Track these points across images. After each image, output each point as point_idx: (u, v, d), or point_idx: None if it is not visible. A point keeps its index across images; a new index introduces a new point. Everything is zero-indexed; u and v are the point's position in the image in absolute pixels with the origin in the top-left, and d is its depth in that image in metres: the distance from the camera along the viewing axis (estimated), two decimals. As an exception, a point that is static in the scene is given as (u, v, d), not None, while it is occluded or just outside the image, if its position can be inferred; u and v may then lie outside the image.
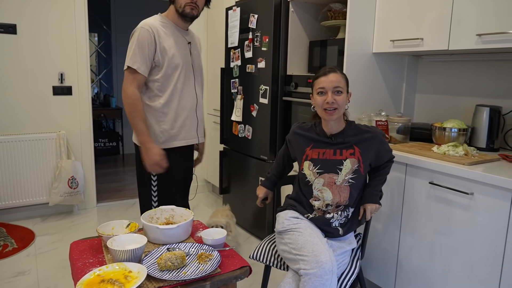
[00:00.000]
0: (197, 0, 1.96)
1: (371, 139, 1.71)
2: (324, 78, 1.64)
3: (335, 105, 1.62)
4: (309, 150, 1.74)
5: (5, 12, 3.13)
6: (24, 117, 3.31)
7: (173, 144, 2.07)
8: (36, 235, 3.08)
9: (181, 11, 1.98)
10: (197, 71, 2.12)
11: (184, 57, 2.03)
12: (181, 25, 2.06)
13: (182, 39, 2.04)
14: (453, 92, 2.42)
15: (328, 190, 1.69)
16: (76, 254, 1.51)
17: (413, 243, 1.97)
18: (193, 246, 1.54)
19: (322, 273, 1.47)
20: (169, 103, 2.01)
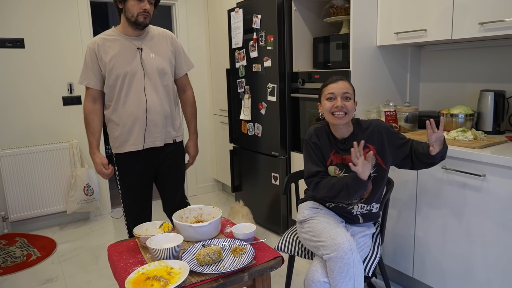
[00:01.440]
0: (149, 8, 2.03)
1: (377, 132, 1.76)
2: (334, 85, 1.72)
3: (344, 110, 1.68)
4: (333, 155, 1.79)
5: (12, 27, 3.19)
6: (38, 128, 3.38)
7: (124, 149, 2.15)
8: (57, 243, 3.15)
9: (133, 20, 2.03)
10: (151, 75, 2.10)
11: (128, 65, 2.06)
12: (132, 33, 2.10)
13: (130, 47, 2.08)
14: (457, 79, 2.51)
15: None
16: (116, 256, 1.59)
17: (429, 227, 2.06)
18: (226, 241, 1.62)
19: (342, 254, 1.57)
20: (115, 111, 2.11)
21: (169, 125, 2.22)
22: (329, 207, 1.86)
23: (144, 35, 2.13)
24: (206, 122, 4.25)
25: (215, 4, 3.84)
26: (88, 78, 2.09)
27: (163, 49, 2.17)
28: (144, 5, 2.00)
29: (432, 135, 1.61)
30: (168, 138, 2.23)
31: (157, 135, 2.17)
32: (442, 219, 1.99)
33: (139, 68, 2.08)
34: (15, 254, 2.92)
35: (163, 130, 2.19)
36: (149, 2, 2.03)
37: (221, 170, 4.15)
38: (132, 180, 2.20)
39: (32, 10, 3.25)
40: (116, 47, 2.07)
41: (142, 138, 2.13)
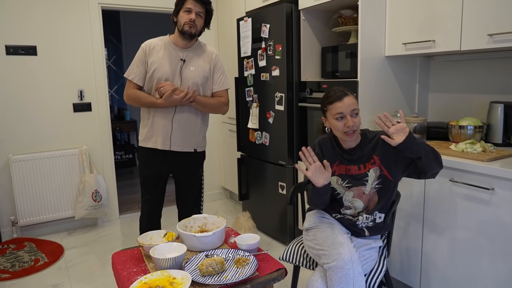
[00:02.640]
0: (195, 19, 2.20)
1: (381, 141, 1.74)
2: (340, 104, 1.70)
3: (354, 127, 1.70)
4: (336, 166, 1.80)
5: (25, 34, 3.26)
6: (48, 134, 3.43)
7: (146, 144, 2.34)
8: (64, 248, 3.17)
9: (181, 29, 2.22)
10: (186, 85, 2.24)
11: (170, 71, 2.25)
12: (180, 44, 2.29)
13: (175, 56, 2.27)
14: (466, 90, 2.48)
15: (359, 200, 1.77)
16: (120, 264, 1.60)
17: (436, 240, 2.03)
18: (230, 252, 1.62)
19: (342, 264, 1.55)
20: (149, 109, 2.31)
21: (192, 135, 2.35)
22: (335, 217, 1.85)
23: (191, 48, 2.31)
24: (214, 130, 4.26)
25: (225, 13, 3.87)
26: (133, 73, 2.30)
27: (204, 65, 2.32)
28: (191, 16, 2.19)
29: (389, 127, 1.62)
30: (188, 147, 2.36)
31: (177, 141, 2.31)
32: (450, 232, 1.96)
33: (177, 77, 2.26)
34: (23, 259, 2.95)
35: (185, 138, 2.33)
36: (197, 15, 2.21)
37: (229, 178, 4.15)
38: (148, 174, 2.39)
39: (44, 18, 3.31)
40: (164, 52, 2.27)
41: (163, 139, 2.29)
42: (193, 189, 2.48)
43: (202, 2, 2.22)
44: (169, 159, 2.35)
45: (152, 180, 2.40)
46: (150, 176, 2.39)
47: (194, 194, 2.49)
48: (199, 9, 2.21)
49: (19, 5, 3.21)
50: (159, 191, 2.43)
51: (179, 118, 2.28)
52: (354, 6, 2.57)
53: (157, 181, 2.40)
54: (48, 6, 3.31)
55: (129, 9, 3.71)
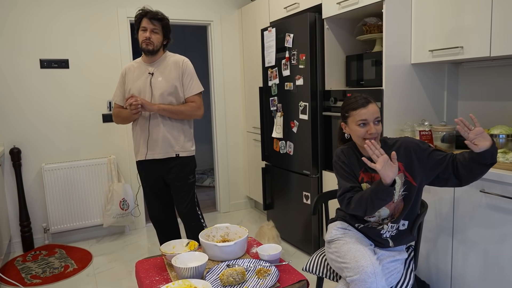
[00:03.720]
0: (151, 37, 2.37)
1: (402, 147, 1.72)
2: (365, 110, 1.68)
3: (375, 135, 1.68)
4: (362, 173, 1.77)
5: (58, 48, 3.40)
6: (78, 144, 3.54)
7: (137, 157, 2.56)
8: (93, 255, 3.25)
9: (140, 47, 2.42)
10: (156, 95, 2.41)
11: (140, 87, 2.44)
12: (147, 60, 2.48)
13: (144, 72, 2.46)
14: (497, 97, 2.39)
15: (386, 208, 1.72)
16: (143, 273, 1.62)
17: (467, 254, 1.95)
18: (251, 262, 1.61)
19: (365, 277, 1.52)
20: (133, 125, 2.54)
21: (171, 140, 2.46)
22: (358, 227, 1.81)
23: (159, 61, 2.47)
24: (239, 139, 4.28)
25: (249, 24, 3.91)
26: (115, 95, 2.58)
27: (171, 74, 2.45)
28: (146, 34, 2.37)
29: (469, 133, 1.51)
30: (169, 152, 2.47)
31: (157, 148, 2.46)
32: (482, 245, 1.88)
33: (148, 90, 2.43)
34: (54, 265, 3.04)
35: (164, 145, 2.45)
36: (153, 32, 2.38)
37: (254, 187, 4.15)
38: (146, 185, 2.58)
39: (76, 32, 3.45)
40: (135, 71, 2.49)
41: (145, 149, 2.47)
42: (184, 196, 2.52)
43: (155, 20, 2.38)
44: (156, 167, 2.49)
45: (152, 193, 2.57)
46: (144, 186, 2.58)
47: (186, 202, 2.53)
48: (153, 26, 2.37)
49: (53, 21, 3.36)
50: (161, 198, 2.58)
51: (154, 125, 2.42)
52: (379, 14, 2.54)
53: (155, 190, 2.56)
54: (79, 21, 3.45)
55: (156, 22, 3.81)
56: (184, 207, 2.51)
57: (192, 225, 2.51)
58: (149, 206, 2.64)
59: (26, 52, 3.30)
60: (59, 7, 3.37)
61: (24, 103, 3.33)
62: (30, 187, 3.40)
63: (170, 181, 2.52)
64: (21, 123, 3.34)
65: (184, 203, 2.51)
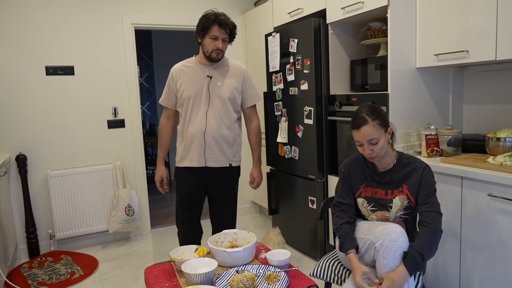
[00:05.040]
0: (222, 47, 2.26)
1: (416, 171, 1.70)
2: (357, 133, 1.66)
3: (373, 154, 1.66)
4: (363, 188, 1.78)
5: (63, 55, 3.42)
6: (84, 150, 3.56)
7: (183, 164, 2.38)
8: (99, 261, 3.25)
9: (208, 55, 2.28)
10: (214, 101, 2.30)
11: (197, 89, 2.30)
12: (206, 63, 2.34)
13: (201, 74, 2.32)
14: (503, 100, 2.39)
15: None
16: (152, 279, 1.62)
17: (475, 259, 1.94)
18: (260, 268, 1.61)
19: (395, 237, 1.54)
20: (183, 128, 2.36)
21: (225, 149, 2.36)
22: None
23: (218, 65, 2.36)
24: (243, 144, 4.28)
25: (253, 29, 3.93)
26: (165, 98, 2.43)
27: (231, 80, 2.36)
28: (218, 44, 2.24)
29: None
30: (223, 161, 2.37)
31: (211, 156, 2.33)
32: (490, 249, 1.88)
33: (205, 94, 2.30)
34: (60, 272, 3.04)
35: (219, 153, 2.34)
36: (223, 41, 2.27)
37: (259, 192, 4.15)
38: (185, 192, 2.40)
39: (81, 39, 3.47)
40: (190, 72, 2.34)
41: (198, 156, 2.33)
42: (229, 207, 2.46)
43: (228, 29, 2.27)
44: (205, 176, 2.37)
45: (190, 198, 2.41)
46: (187, 195, 2.40)
47: (230, 211, 2.47)
48: (225, 35, 2.26)
49: (57, 28, 3.38)
50: (197, 210, 2.46)
51: (211, 132, 2.30)
52: (383, 19, 2.55)
53: (195, 199, 2.41)
54: (84, 28, 3.47)
55: (161, 28, 3.83)
56: (229, 218, 2.46)
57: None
58: (186, 209, 2.43)
59: (32, 59, 3.32)
60: (64, 13, 3.40)
61: (29, 109, 3.35)
62: (35, 194, 3.41)
63: (216, 192, 2.42)
64: (27, 130, 3.36)
65: (229, 215, 2.46)
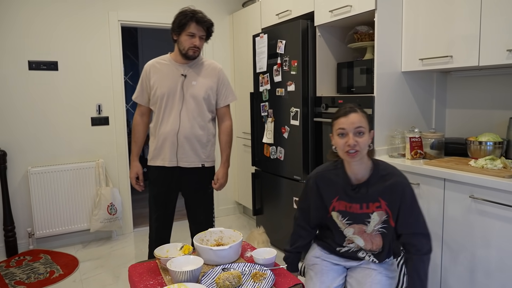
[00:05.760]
0: (199, 44, 2.24)
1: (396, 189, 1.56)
2: (344, 119, 1.53)
3: (357, 147, 1.50)
4: (335, 201, 1.65)
5: (47, 50, 3.35)
6: (66, 147, 3.49)
7: (155, 162, 2.37)
8: (79, 261, 3.19)
9: (184, 52, 2.25)
10: (188, 100, 2.27)
11: (170, 88, 2.26)
12: (181, 61, 2.31)
13: (176, 72, 2.29)
14: (484, 105, 2.46)
15: (360, 238, 1.66)
16: (136, 277, 1.60)
17: (456, 258, 1.99)
18: (246, 266, 1.61)
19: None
20: (155, 127, 2.34)
21: (198, 149, 2.33)
22: (340, 251, 1.73)
23: (193, 63, 2.32)
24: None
25: (240, 30, 3.93)
26: (139, 96, 2.40)
27: (206, 80, 2.32)
28: (195, 41, 2.22)
29: None
30: (196, 162, 2.35)
31: (184, 156, 2.31)
32: (470, 250, 1.92)
33: (179, 93, 2.27)
34: (39, 271, 2.97)
35: (191, 153, 2.32)
36: (200, 38, 2.24)
37: (243, 193, 4.15)
38: (158, 192, 2.41)
39: (66, 34, 3.41)
40: (164, 70, 2.30)
41: (170, 156, 2.30)
42: (203, 206, 2.45)
43: (205, 26, 2.24)
44: (177, 175, 2.35)
45: (162, 198, 2.40)
46: (159, 194, 2.40)
47: (205, 211, 2.46)
48: (202, 33, 2.24)
49: (42, 22, 3.31)
50: (170, 208, 2.44)
51: (184, 132, 2.27)
52: (370, 23, 2.59)
53: (167, 199, 2.41)
54: (70, 23, 3.41)
55: (148, 26, 3.80)
56: (204, 217, 2.43)
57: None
58: (158, 208, 2.43)
59: (14, 53, 3.25)
60: (49, 8, 3.33)
61: (11, 104, 3.27)
62: (15, 191, 3.33)
63: (190, 192, 2.41)
64: (7, 125, 3.27)
65: (204, 213, 2.44)
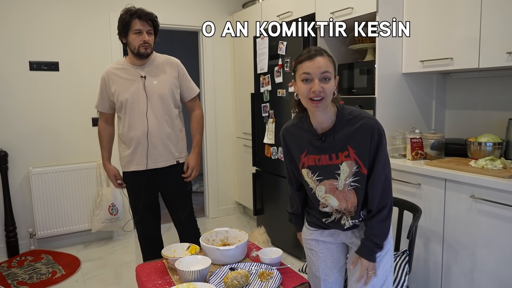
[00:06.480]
0: (148, 39, 2.21)
1: (362, 130, 1.43)
2: (309, 63, 1.39)
3: (322, 94, 1.38)
4: (304, 157, 1.53)
5: (48, 51, 3.36)
6: (67, 148, 3.50)
7: (130, 168, 2.34)
8: (81, 261, 3.20)
9: (136, 52, 2.22)
10: (153, 100, 2.25)
11: (132, 92, 2.25)
12: (137, 63, 2.28)
13: (135, 75, 2.27)
14: (483, 107, 2.50)
15: (332, 197, 1.52)
16: (144, 277, 1.62)
17: (456, 257, 2.02)
18: (253, 265, 1.63)
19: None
20: (123, 133, 2.32)
21: (171, 147, 2.34)
22: (325, 222, 1.60)
23: (149, 63, 2.30)
24: (229, 145, 4.30)
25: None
26: (100, 104, 2.39)
27: (166, 76, 2.32)
28: (143, 37, 2.19)
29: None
30: (170, 159, 2.36)
31: (158, 157, 2.31)
32: (471, 249, 1.96)
33: (142, 95, 2.25)
34: (41, 271, 2.98)
35: (165, 152, 2.32)
36: (148, 33, 2.21)
37: (243, 193, 4.17)
38: (138, 197, 2.38)
39: (67, 35, 3.41)
40: (122, 75, 2.28)
41: (145, 159, 2.30)
42: (184, 206, 2.45)
43: (149, 20, 2.21)
44: (153, 177, 2.34)
45: (143, 202, 2.37)
46: (139, 200, 2.37)
47: (187, 211, 2.45)
48: (148, 27, 2.21)
49: (44, 23, 3.32)
50: (153, 210, 2.44)
51: (154, 133, 2.26)
52: (371, 25, 2.62)
53: (147, 202, 2.39)
54: (71, 24, 3.42)
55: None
56: (185, 216, 2.43)
57: (193, 233, 2.47)
58: (142, 222, 2.42)
59: (15, 54, 3.25)
60: (51, 9, 3.34)
61: (12, 105, 3.27)
62: (16, 191, 3.33)
63: (169, 191, 2.41)
64: (8, 125, 3.28)
65: (185, 212, 2.44)
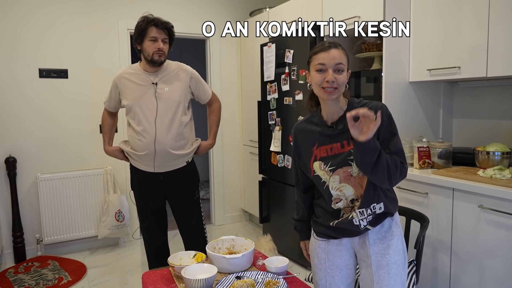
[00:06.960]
0: (163, 47, 2.24)
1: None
2: (324, 54, 1.45)
3: (335, 84, 1.43)
4: (316, 150, 1.54)
5: (58, 58, 3.40)
6: (75, 154, 3.53)
7: (138, 166, 2.37)
8: (87, 267, 3.20)
9: (149, 59, 2.24)
10: (164, 107, 2.27)
11: (141, 98, 2.27)
12: (150, 70, 2.30)
13: (147, 81, 2.29)
14: (491, 116, 2.48)
15: (348, 185, 1.50)
16: (151, 284, 1.62)
17: (465, 268, 2.00)
18: (259, 274, 1.63)
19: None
20: (132, 135, 2.33)
21: (178, 154, 2.32)
22: (333, 225, 1.54)
23: (162, 70, 2.32)
24: (235, 152, 4.31)
25: (248, 39, 3.98)
26: (107, 102, 2.46)
27: (178, 83, 2.33)
28: (158, 45, 2.22)
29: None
30: (180, 163, 2.36)
31: (165, 163, 2.32)
32: (479, 260, 1.93)
33: (152, 101, 2.27)
34: (47, 277, 2.99)
35: (172, 157, 2.31)
36: (163, 42, 2.24)
37: (249, 200, 4.16)
38: (146, 204, 2.40)
39: (76, 43, 3.46)
40: (134, 80, 2.30)
41: (152, 163, 2.31)
42: (192, 214, 2.43)
43: (166, 28, 2.25)
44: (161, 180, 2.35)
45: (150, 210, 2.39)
46: (146, 205, 2.39)
47: (196, 220, 2.45)
48: (164, 35, 2.24)
49: (53, 31, 3.37)
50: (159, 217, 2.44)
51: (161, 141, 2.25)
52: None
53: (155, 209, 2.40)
54: (80, 32, 3.47)
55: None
56: (193, 224, 2.43)
57: (200, 241, 2.45)
58: (149, 229, 2.44)
59: (25, 61, 3.30)
60: (60, 17, 3.39)
61: (21, 111, 3.31)
62: (24, 197, 3.36)
63: (177, 197, 2.40)
64: (17, 132, 3.31)
65: (192, 220, 2.43)
